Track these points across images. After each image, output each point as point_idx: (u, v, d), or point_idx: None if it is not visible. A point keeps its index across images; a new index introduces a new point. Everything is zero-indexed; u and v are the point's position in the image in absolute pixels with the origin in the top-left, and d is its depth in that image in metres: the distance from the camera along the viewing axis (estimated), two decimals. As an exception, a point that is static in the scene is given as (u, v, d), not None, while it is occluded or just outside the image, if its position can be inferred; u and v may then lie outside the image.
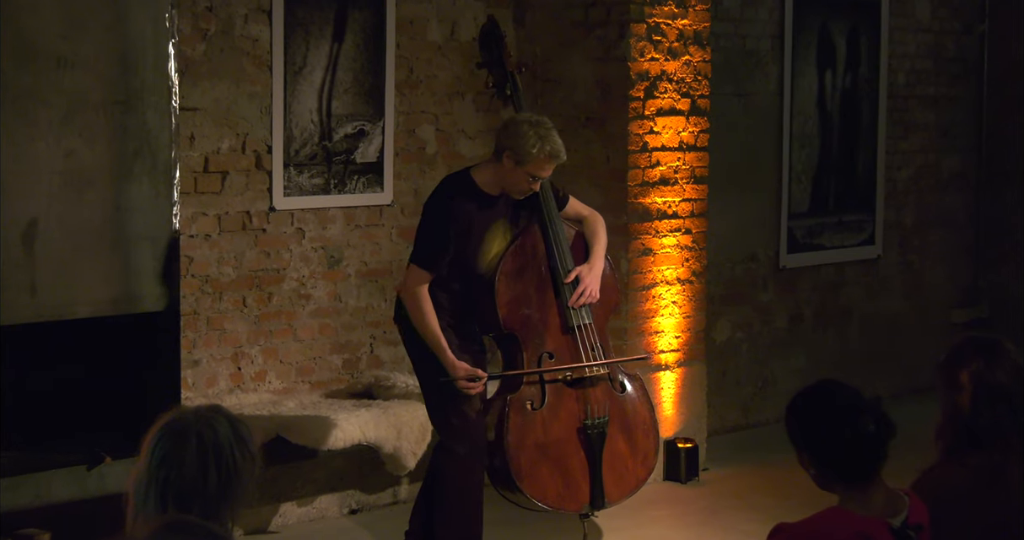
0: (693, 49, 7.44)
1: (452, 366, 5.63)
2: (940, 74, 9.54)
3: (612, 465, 5.97)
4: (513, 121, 5.74)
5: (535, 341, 5.87)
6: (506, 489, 5.89)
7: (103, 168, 5.32)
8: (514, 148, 5.62)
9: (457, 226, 5.65)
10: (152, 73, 5.39)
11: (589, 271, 5.93)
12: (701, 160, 7.53)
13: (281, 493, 6.61)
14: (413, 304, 5.65)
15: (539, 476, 5.83)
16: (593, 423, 5.92)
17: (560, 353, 5.90)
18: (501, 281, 5.80)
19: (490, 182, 5.72)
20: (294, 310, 6.90)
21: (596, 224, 6.04)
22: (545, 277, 5.91)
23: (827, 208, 8.89)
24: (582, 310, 5.94)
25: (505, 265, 5.82)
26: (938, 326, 9.50)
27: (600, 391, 5.97)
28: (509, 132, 5.68)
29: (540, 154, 5.61)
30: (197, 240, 6.55)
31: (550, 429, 5.86)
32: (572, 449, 5.90)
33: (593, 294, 5.92)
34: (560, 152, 5.64)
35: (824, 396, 3.47)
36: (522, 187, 5.70)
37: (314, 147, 6.85)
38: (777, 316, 8.71)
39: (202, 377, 6.61)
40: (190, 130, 6.45)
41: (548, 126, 5.69)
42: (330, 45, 6.85)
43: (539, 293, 5.90)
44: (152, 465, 2.74)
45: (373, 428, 6.50)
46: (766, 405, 8.57)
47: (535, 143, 5.60)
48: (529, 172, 5.64)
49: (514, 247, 5.85)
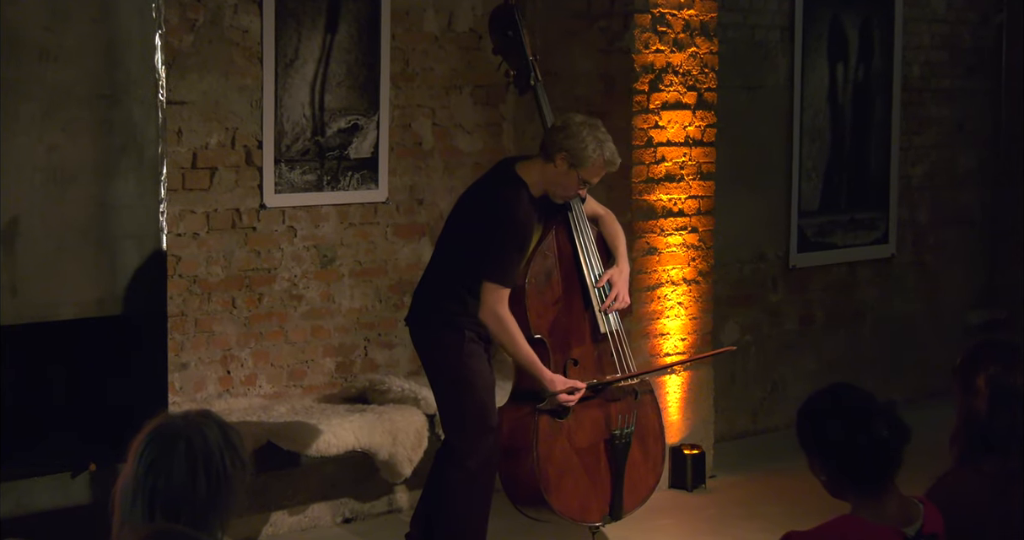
0: (700, 40, 7.45)
1: (551, 382, 5.67)
2: (956, 66, 9.54)
3: (629, 475, 6.00)
4: (570, 122, 5.71)
5: (562, 347, 5.85)
6: (528, 505, 5.85)
7: (87, 164, 5.32)
8: (572, 150, 5.60)
9: (526, 236, 5.66)
10: (138, 65, 5.39)
11: (620, 274, 5.93)
12: (708, 156, 7.54)
13: (272, 502, 6.62)
14: (499, 327, 5.60)
15: (564, 488, 5.82)
16: (621, 433, 5.93)
17: (585, 360, 5.88)
18: (531, 284, 5.77)
19: (535, 182, 5.71)
20: (285, 311, 6.90)
21: (614, 224, 6.05)
22: (573, 280, 5.89)
23: (839, 205, 8.89)
24: (612, 315, 5.94)
25: (534, 267, 5.79)
26: (953, 328, 9.51)
27: (625, 400, 5.98)
28: (566, 133, 5.65)
29: (599, 159, 5.62)
30: (185, 239, 6.55)
31: (576, 440, 5.86)
32: (596, 460, 5.90)
33: (625, 299, 5.93)
34: (616, 160, 5.69)
35: (836, 400, 3.47)
36: (570, 191, 5.69)
37: (306, 142, 6.86)
38: (787, 318, 8.71)
39: (190, 381, 6.62)
40: (177, 124, 6.45)
41: (603, 130, 5.72)
42: (323, 36, 6.86)
43: (567, 297, 5.88)
44: (139, 472, 2.74)
45: (367, 434, 6.50)
46: (775, 410, 8.58)
47: (596, 148, 5.61)
48: (583, 176, 5.64)
49: (542, 248, 5.82)
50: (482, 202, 5.72)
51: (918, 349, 9.37)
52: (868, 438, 3.39)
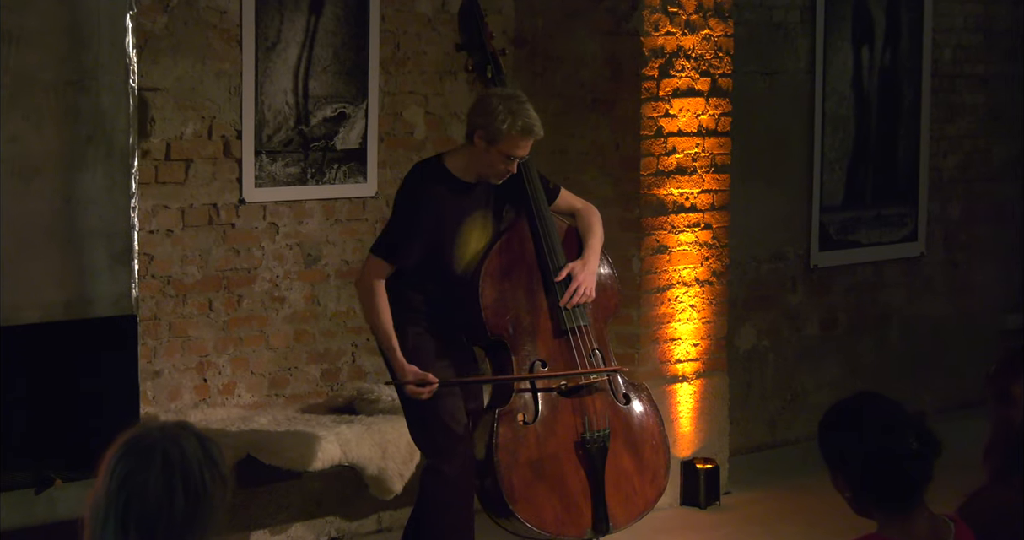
0: (713, 22, 7.46)
1: (400, 368, 5.71)
2: (991, 50, 9.55)
3: (617, 485, 5.98)
4: (482, 97, 5.84)
5: (526, 348, 5.89)
6: (498, 515, 5.90)
7: (52, 155, 5.33)
8: (485, 126, 5.69)
9: (427, 215, 5.71)
10: (108, 49, 5.40)
11: (583, 267, 5.95)
12: (722, 146, 7.55)
13: (252, 520, 6.63)
14: (366, 296, 5.77)
15: (534, 498, 5.84)
16: (593, 437, 5.93)
17: (554, 360, 5.92)
18: (485, 282, 5.82)
19: (464, 167, 5.78)
20: (267, 315, 6.91)
21: (591, 217, 6.06)
22: (535, 276, 5.94)
23: (864, 201, 8.91)
24: (577, 311, 5.96)
25: (489, 264, 5.84)
26: (988, 332, 9.52)
27: (599, 401, 5.99)
28: (478, 109, 5.76)
29: (512, 130, 5.66)
30: (158, 236, 6.56)
31: (545, 445, 5.88)
32: (570, 467, 5.91)
33: (588, 292, 5.94)
34: (534, 126, 5.70)
35: (862, 411, 3.48)
36: (498, 169, 5.75)
37: (289, 132, 6.87)
38: (808, 321, 8.73)
39: (164, 390, 6.62)
40: (150, 113, 6.46)
41: (521, 99, 5.76)
42: (307, 18, 6.87)
43: (529, 294, 5.92)
44: (111, 487, 2.75)
45: (355, 447, 6.51)
46: (795, 421, 8.59)
47: (505, 118, 5.66)
48: (503, 151, 5.69)
49: (499, 244, 5.88)
50: (399, 187, 5.94)
51: (949, 355, 9.38)
52: (896, 452, 3.39)
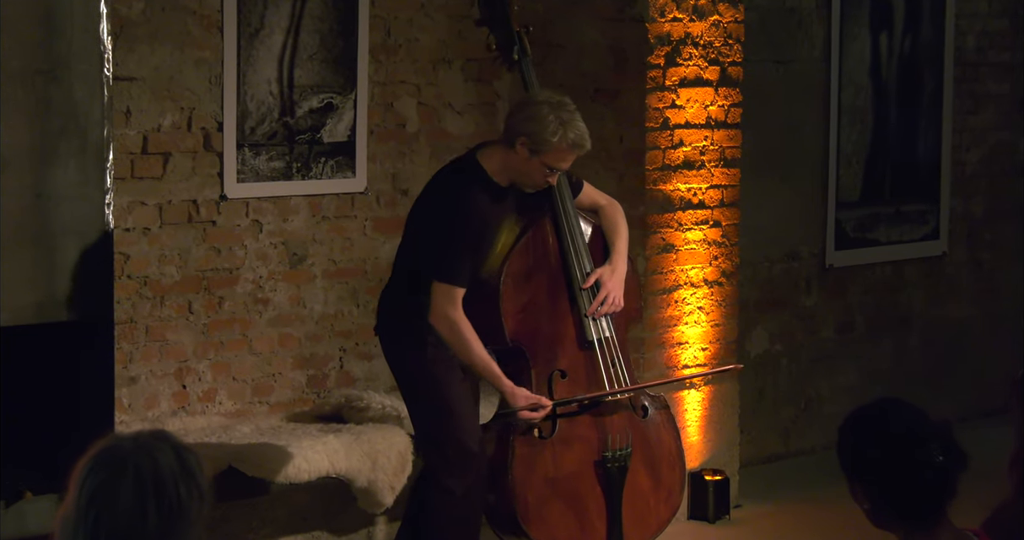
0: (723, 7, 7.46)
1: (512, 395, 5.69)
2: (1017, 36, 9.55)
3: (632, 504, 5.98)
4: (529, 102, 5.74)
5: (546, 357, 5.86)
6: (509, 533, 5.88)
7: (22, 149, 5.32)
8: (530, 134, 5.60)
9: (479, 228, 5.65)
10: (80, 36, 5.39)
11: (611, 274, 5.93)
12: (732, 139, 7.55)
13: (234, 535, 6.62)
14: (450, 331, 5.61)
15: (548, 517, 5.84)
16: (614, 455, 5.92)
17: (575, 371, 5.90)
18: (507, 285, 5.79)
19: (499, 170, 5.72)
20: (249, 318, 6.91)
21: (616, 216, 6.04)
22: (559, 280, 5.91)
23: (882, 197, 8.91)
24: (602, 321, 5.95)
25: (512, 266, 5.81)
26: (1014, 336, 9.51)
27: (621, 417, 5.98)
28: (525, 115, 5.66)
29: (562, 143, 5.60)
30: (134, 234, 6.56)
31: (562, 462, 5.87)
32: (587, 486, 5.90)
33: (617, 302, 5.92)
34: (585, 141, 5.65)
35: (883, 419, 3.47)
36: (535, 180, 5.69)
37: (273, 124, 6.86)
38: (823, 324, 8.72)
39: (140, 397, 6.62)
40: (125, 104, 6.46)
41: (571, 109, 5.68)
42: (292, 2, 6.86)
43: (552, 299, 5.90)
44: (81, 502, 2.75)
45: (343, 458, 6.51)
46: (810, 430, 8.59)
47: (556, 130, 5.59)
48: (547, 163, 5.63)
49: (521, 244, 5.84)
50: (434, 192, 5.79)
51: (973, 360, 9.38)
52: (919, 463, 3.38)
